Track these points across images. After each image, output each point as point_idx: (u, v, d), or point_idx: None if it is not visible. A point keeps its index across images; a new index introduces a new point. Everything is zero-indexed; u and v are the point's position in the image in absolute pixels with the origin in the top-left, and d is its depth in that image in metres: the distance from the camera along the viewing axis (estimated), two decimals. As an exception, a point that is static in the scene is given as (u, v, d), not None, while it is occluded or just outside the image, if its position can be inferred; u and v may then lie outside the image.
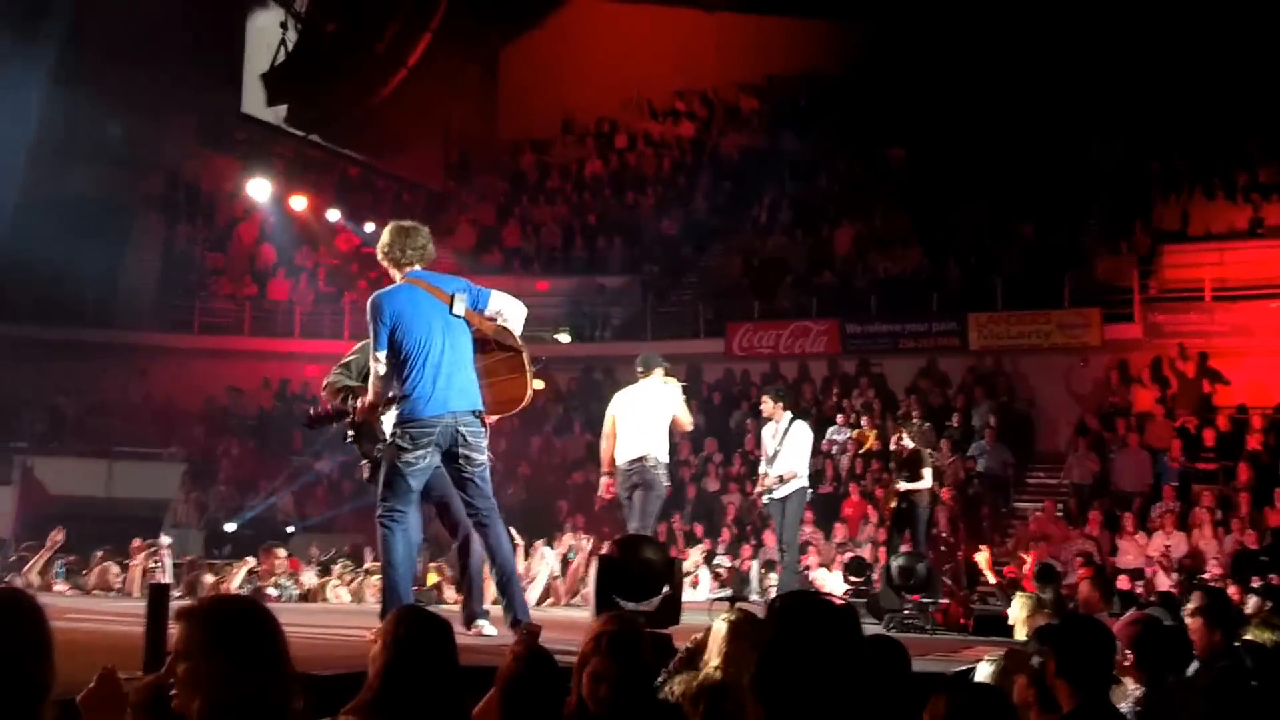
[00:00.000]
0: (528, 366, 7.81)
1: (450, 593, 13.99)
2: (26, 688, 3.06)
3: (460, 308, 7.53)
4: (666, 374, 11.72)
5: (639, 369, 11.64)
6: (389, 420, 7.67)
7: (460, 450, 7.51)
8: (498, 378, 7.76)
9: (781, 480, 12.95)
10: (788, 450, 13.04)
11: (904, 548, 14.10)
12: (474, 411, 7.56)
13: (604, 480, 11.52)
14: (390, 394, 7.58)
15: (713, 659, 4.94)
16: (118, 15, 23.95)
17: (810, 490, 13.90)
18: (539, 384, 8.95)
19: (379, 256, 7.79)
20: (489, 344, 7.74)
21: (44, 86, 21.70)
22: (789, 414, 13.37)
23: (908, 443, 14.60)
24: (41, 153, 23.13)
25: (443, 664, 4.01)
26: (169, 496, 23.15)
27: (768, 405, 13.45)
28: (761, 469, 13.46)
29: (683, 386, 12.36)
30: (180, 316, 27.43)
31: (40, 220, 22.57)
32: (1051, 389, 23.04)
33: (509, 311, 7.81)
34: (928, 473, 14.53)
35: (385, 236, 7.72)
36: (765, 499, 13.33)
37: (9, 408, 24.48)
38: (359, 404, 7.86)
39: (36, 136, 21.84)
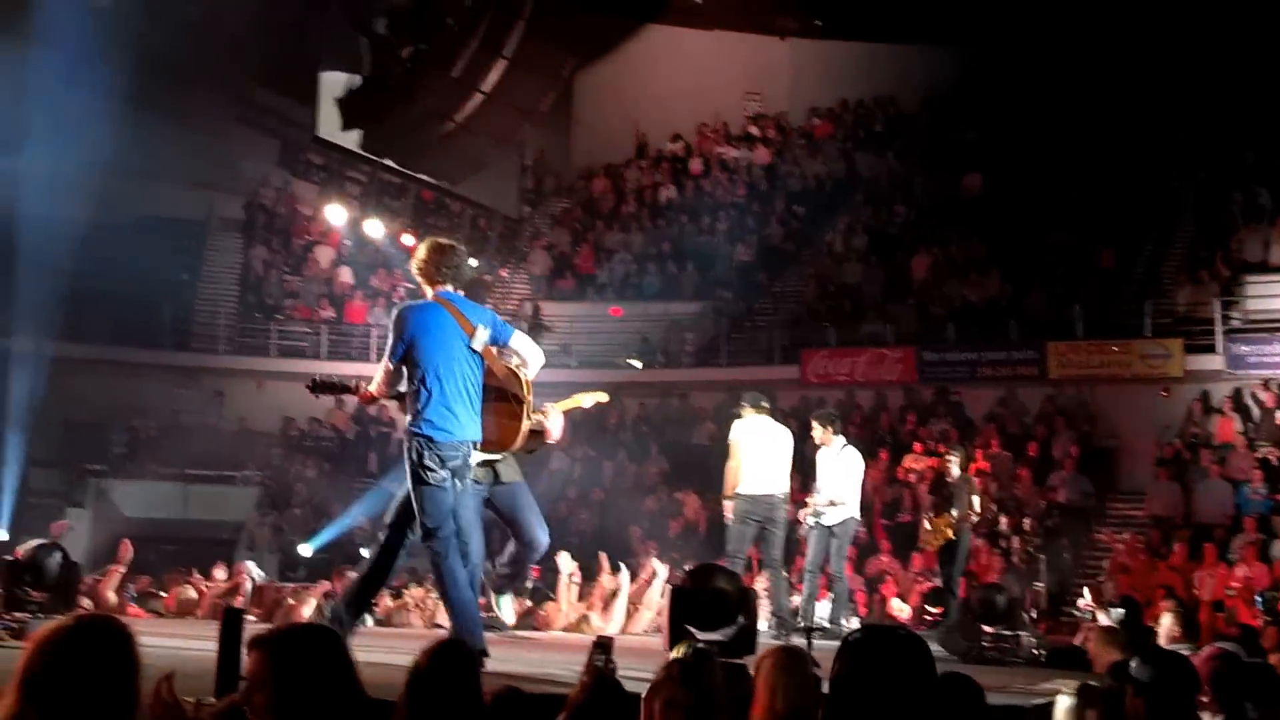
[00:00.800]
0: (525, 416, 7.71)
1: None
2: (118, 710, 3.10)
3: (480, 342, 7.46)
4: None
5: (764, 404, 12.52)
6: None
7: (456, 480, 7.45)
8: (490, 418, 7.66)
9: (832, 504, 12.96)
10: (839, 476, 13.04)
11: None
12: (475, 443, 7.52)
13: (727, 504, 12.16)
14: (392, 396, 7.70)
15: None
16: (198, 39, 24.25)
17: (860, 520, 13.92)
18: (603, 397, 9.17)
19: (414, 270, 7.73)
20: (495, 388, 7.64)
21: (122, 109, 21.95)
22: (840, 439, 13.41)
23: (955, 469, 14.44)
24: (120, 175, 23.40)
25: (463, 695, 4.05)
26: (244, 519, 23.24)
27: (818, 432, 13.49)
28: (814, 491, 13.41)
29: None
30: (257, 340, 27.62)
31: (118, 242, 22.83)
32: (1132, 419, 22.65)
33: (527, 354, 7.77)
34: (976, 500, 14.40)
35: (421, 252, 7.65)
36: (812, 521, 13.28)
37: (86, 430, 24.71)
38: (360, 386, 7.99)
39: (115, 159, 22.09)
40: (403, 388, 7.55)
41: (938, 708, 3.33)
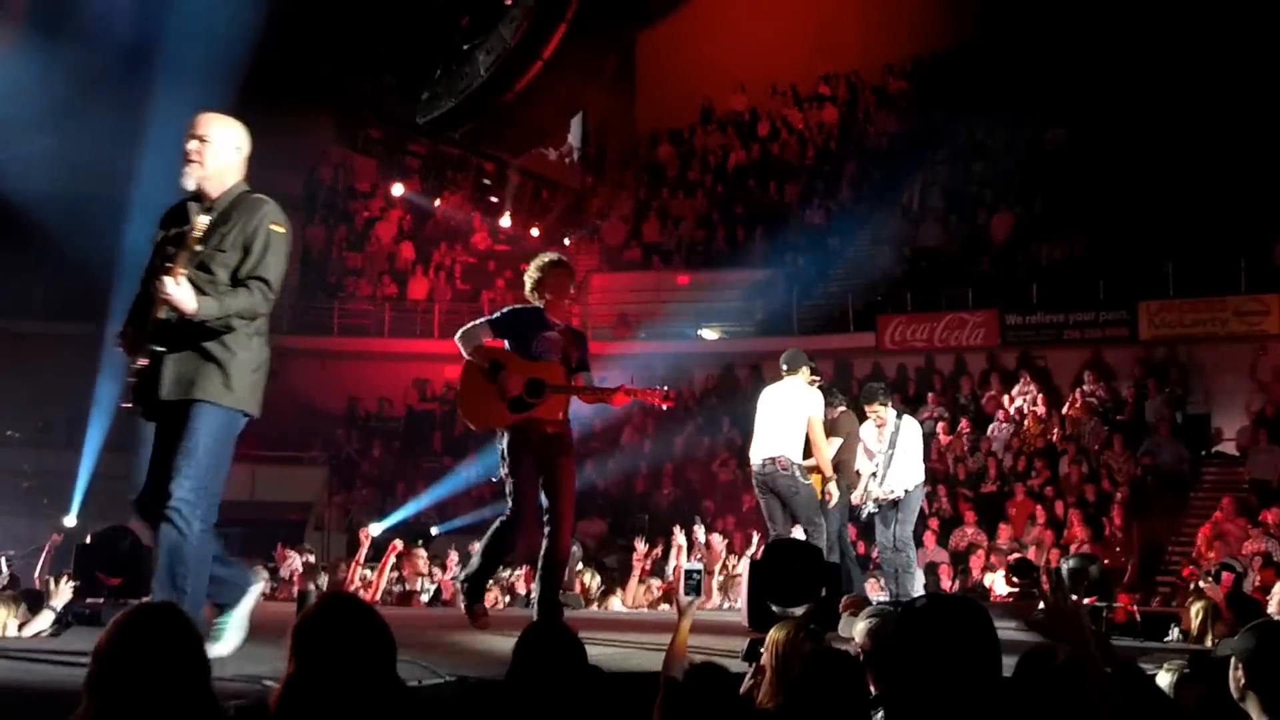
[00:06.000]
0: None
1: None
2: (185, 694, 3.15)
3: None
4: (814, 372, 11.23)
5: (783, 366, 11.17)
6: None
7: None
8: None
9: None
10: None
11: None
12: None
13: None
14: None
15: None
16: (253, 15, 23.90)
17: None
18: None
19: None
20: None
21: (183, 88, 21.65)
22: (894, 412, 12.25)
23: (841, 407, 12.27)
24: (179, 153, 23.06)
25: (569, 673, 4.06)
26: (311, 499, 23.08)
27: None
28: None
29: (827, 387, 11.71)
30: (319, 318, 27.27)
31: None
32: (1228, 379, 21.84)
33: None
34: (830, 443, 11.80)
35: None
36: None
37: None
38: None
39: (174, 138, 21.75)
40: None
41: (999, 679, 3.27)
